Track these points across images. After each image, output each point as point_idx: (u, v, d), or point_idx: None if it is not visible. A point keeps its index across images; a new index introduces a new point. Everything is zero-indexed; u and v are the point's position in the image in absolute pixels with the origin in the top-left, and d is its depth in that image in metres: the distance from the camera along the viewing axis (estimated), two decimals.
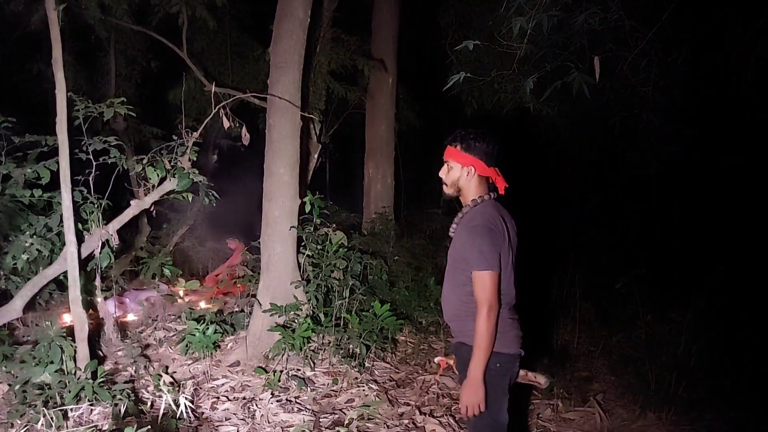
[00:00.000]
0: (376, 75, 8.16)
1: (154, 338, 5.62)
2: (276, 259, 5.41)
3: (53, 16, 4.32)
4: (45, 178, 4.80)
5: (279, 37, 5.31)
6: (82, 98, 4.70)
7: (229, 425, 4.17)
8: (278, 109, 5.33)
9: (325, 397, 4.66)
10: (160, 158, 5.01)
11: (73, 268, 4.35)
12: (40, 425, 3.79)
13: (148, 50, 8.80)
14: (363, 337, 5.19)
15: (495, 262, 2.62)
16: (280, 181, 5.40)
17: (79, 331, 4.35)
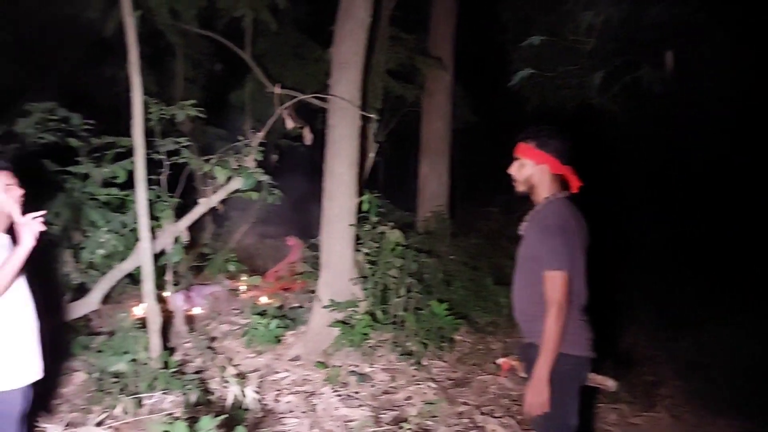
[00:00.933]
0: (433, 72, 8.18)
1: (219, 331, 5.83)
2: (335, 256, 5.53)
3: (130, 22, 4.54)
4: (121, 177, 5.07)
5: (340, 37, 5.42)
6: (155, 101, 4.93)
7: (292, 418, 4.30)
8: (339, 109, 5.44)
9: (384, 394, 4.74)
10: (227, 158, 5.20)
11: (147, 263, 4.57)
12: (117, 412, 4.01)
13: (213, 54, 9.09)
14: (420, 335, 5.24)
15: (567, 261, 2.62)
16: (340, 181, 5.51)
17: (152, 323, 4.57)
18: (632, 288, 7.11)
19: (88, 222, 5.08)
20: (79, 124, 4.94)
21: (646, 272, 7.32)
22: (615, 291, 7.29)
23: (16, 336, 2.77)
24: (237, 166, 5.23)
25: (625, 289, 7.26)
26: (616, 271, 7.49)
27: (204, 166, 5.26)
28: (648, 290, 7.09)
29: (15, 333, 2.77)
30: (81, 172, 5.08)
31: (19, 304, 2.81)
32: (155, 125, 5.00)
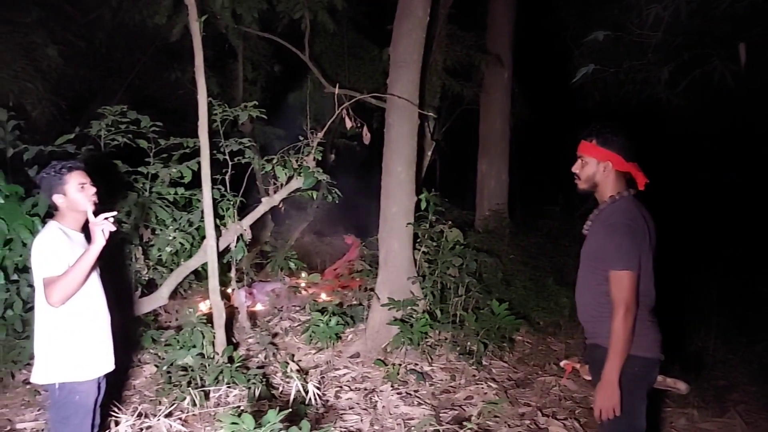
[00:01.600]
0: (491, 70, 8.10)
1: (281, 327, 5.95)
2: (393, 254, 5.55)
3: (195, 27, 4.68)
4: (187, 177, 5.24)
5: (399, 36, 5.42)
6: (219, 102, 5.06)
7: (353, 414, 4.33)
8: (397, 108, 5.45)
9: (444, 393, 4.72)
10: (288, 158, 5.29)
11: (213, 260, 4.70)
12: (186, 404, 4.15)
13: (272, 55, 9.28)
14: (480, 335, 5.19)
15: (634, 261, 2.54)
16: (398, 179, 5.52)
17: (217, 318, 4.70)
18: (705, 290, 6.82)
19: (157, 220, 5.27)
20: (147, 125, 5.12)
21: (720, 274, 7.00)
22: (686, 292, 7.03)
23: (90, 329, 2.90)
24: (297, 166, 5.31)
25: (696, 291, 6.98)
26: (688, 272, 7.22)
27: (266, 166, 5.37)
28: (722, 293, 6.79)
29: (89, 327, 2.90)
30: (150, 172, 5.26)
31: (93, 299, 2.94)
32: (219, 126, 5.14)
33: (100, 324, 2.98)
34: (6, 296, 4.49)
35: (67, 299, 2.68)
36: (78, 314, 2.84)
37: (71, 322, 2.81)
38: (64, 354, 2.79)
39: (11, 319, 4.56)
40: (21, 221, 4.53)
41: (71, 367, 2.80)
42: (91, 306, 2.92)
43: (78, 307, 2.84)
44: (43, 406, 4.39)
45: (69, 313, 2.80)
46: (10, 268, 4.52)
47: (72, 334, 2.81)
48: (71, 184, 2.84)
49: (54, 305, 2.68)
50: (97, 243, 2.63)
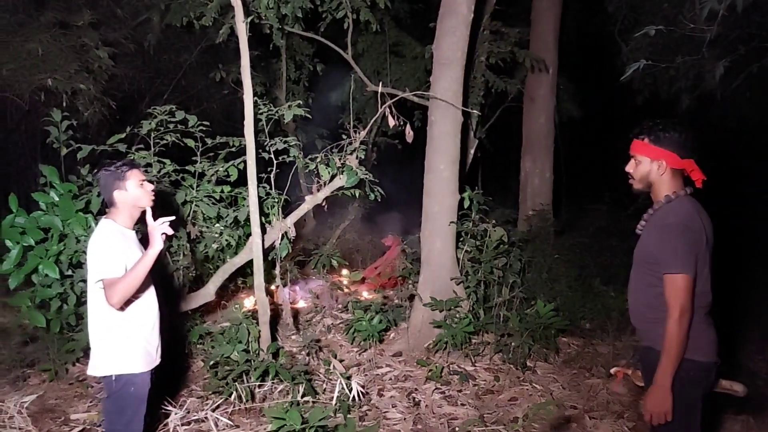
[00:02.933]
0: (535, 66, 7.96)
1: (323, 325, 5.99)
2: (436, 254, 5.52)
3: (242, 28, 4.74)
4: (233, 175, 5.31)
5: (442, 34, 5.38)
6: (265, 102, 5.12)
7: (396, 412, 4.33)
8: (440, 105, 5.41)
9: (488, 394, 4.68)
10: (331, 156, 5.31)
11: (258, 257, 4.75)
12: (232, 399, 4.21)
13: (314, 55, 9.35)
14: (524, 336, 5.12)
15: (690, 264, 2.45)
16: (441, 177, 5.49)
17: (262, 314, 4.75)
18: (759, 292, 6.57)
19: (204, 218, 5.36)
20: (195, 125, 5.21)
21: None
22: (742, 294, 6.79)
23: (144, 323, 2.98)
24: (341, 164, 5.33)
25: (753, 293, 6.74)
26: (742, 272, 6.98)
27: (309, 164, 5.41)
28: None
29: (143, 321, 2.98)
30: (197, 171, 5.36)
31: (146, 295, 3.02)
32: (264, 125, 5.20)
33: (153, 318, 3.06)
34: (61, 291, 4.64)
35: (125, 299, 2.75)
36: (132, 309, 2.92)
37: (125, 316, 2.89)
38: (119, 347, 2.87)
39: (65, 313, 4.72)
40: (75, 218, 4.69)
41: (127, 359, 2.88)
42: (144, 301, 3.00)
43: (133, 302, 2.92)
44: (95, 397, 4.52)
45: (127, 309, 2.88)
46: (65, 263, 4.68)
47: (127, 327, 2.89)
48: (132, 180, 2.93)
49: (114, 306, 2.75)
50: (155, 247, 2.70)
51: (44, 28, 7.01)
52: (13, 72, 6.87)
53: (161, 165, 5.16)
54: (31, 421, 3.95)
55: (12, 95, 7.30)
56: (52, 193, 4.73)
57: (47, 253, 4.57)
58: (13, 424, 3.67)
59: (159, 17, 7.38)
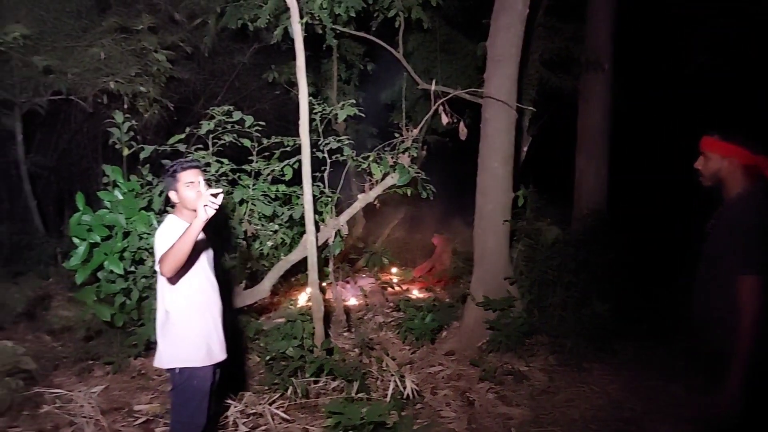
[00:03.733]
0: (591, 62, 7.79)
1: (375, 323, 6.03)
2: (489, 253, 5.47)
3: (297, 28, 4.81)
4: (288, 175, 5.39)
5: (497, 31, 5.34)
6: (319, 102, 5.18)
7: (449, 411, 4.32)
8: (494, 103, 5.36)
9: (543, 394, 4.61)
10: (384, 155, 5.34)
11: (312, 254, 4.82)
12: (288, 393, 4.28)
13: (365, 54, 9.40)
14: (580, 336, 5.03)
15: (762, 264, 2.37)
16: (494, 175, 5.44)
17: (316, 311, 4.81)
18: None
19: (260, 216, 5.46)
20: (251, 125, 5.31)
21: None
22: None
23: (207, 319, 3.06)
24: (393, 163, 5.35)
25: None
26: None
27: (362, 163, 5.44)
28: None
29: (207, 316, 3.06)
30: (253, 170, 5.46)
31: (209, 291, 3.11)
32: (318, 125, 5.26)
33: (216, 314, 3.14)
34: (124, 286, 4.81)
35: (175, 270, 2.76)
36: (196, 304, 3.01)
37: (190, 311, 2.97)
38: (183, 341, 2.96)
39: (128, 308, 4.89)
40: (138, 216, 4.85)
41: (190, 353, 2.96)
42: (208, 297, 3.09)
43: (196, 297, 3.01)
44: (156, 390, 4.67)
45: (189, 304, 2.97)
46: (128, 260, 4.85)
47: (191, 322, 2.98)
48: (181, 182, 3.01)
49: (165, 275, 2.82)
50: (199, 217, 2.67)
51: (106, 32, 7.24)
52: (77, 76, 7.14)
53: (219, 164, 5.28)
54: (99, 411, 4.11)
55: (77, 98, 7.59)
56: (116, 191, 4.90)
57: (112, 249, 4.74)
58: (83, 413, 3.83)
59: (215, 20, 7.54)
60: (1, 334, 5.36)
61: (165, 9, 7.94)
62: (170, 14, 7.99)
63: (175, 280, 2.94)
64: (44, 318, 5.70)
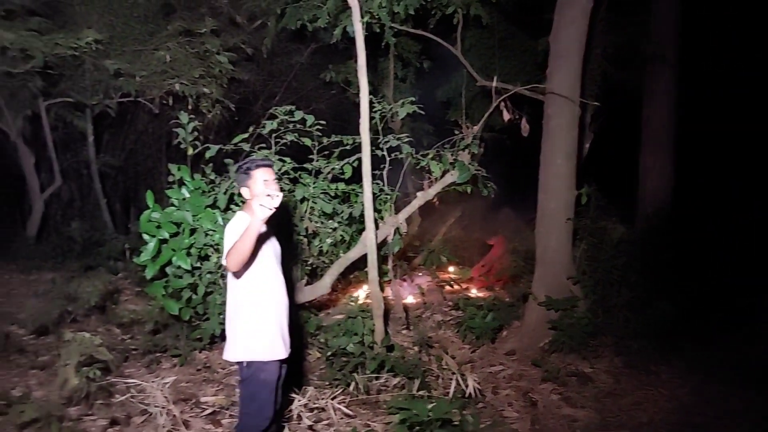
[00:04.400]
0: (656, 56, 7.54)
1: (433, 321, 6.01)
2: (551, 251, 5.37)
3: (358, 27, 4.83)
4: (348, 173, 5.43)
5: (560, 25, 5.23)
6: (379, 99, 5.20)
7: (512, 411, 4.27)
8: (556, 98, 5.26)
9: (608, 396, 4.50)
10: (443, 153, 5.31)
11: (372, 251, 4.83)
12: (351, 389, 4.32)
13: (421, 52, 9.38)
14: (647, 338, 4.88)
15: None
16: (557, 172, 5.34)
17: (376, 308, 4.82)
18: None
19: (320, 213, 5.52)
20: (312, 124, 5.38)
21: None
22: None
23: (275, 315, 3.11)
24: (453, 160, 5.31)
25: None
26: None
27: (421, 161, 5.43)
28: None
29: (274, 312, 3.11)
30: (314, 169, 5.52)
31: (277, 287, 3.15)
32: (378, 123, 5.28)
33: (283, 310, 3.18)
34: (191, 281, 4.95)
35: (239, 265, 2.83)
36: (264, 300, 3.06)
37: (259, 307, 3.03)
38: (252, 335, 3.02)
39: (194, 302, 5.02)
40: (204, 213, 4.98)
41: (259, 347, 3.02)
42: (275, 293, 3.14)
43: (264, 292, 3.07)
44: (221, 382, 4.78)
45: (257, 299, 3.03)
46: (194, 256, 4.99)
47: (259, 317, 3.04)
48: (255, 179, 3.06)
49: (230, 270, 2.90)
50: (256, 216, 2.71)
51: (171, 36, 7.50)
52: (145, 78, 7.42)
53: (282, 163, 5.37)
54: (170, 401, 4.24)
55: (144, 100, 7.87)
56: (184, 190, 5.04)
57: (179, 246, 4.88)
58: (156, 403, 3.96)
59: (275, 22, 7.68)
60: (75, 326, 5.61)
61: (227, 12, 8.16)
62: (232, 17, 8.21)
63: (241, 275, 3.00)
64: (114, 311, 5.93)
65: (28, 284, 6.88)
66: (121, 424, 3.92)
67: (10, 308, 6.15)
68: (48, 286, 6.52)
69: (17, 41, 6.35)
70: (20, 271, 7.27)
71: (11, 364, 4.85)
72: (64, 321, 5.53)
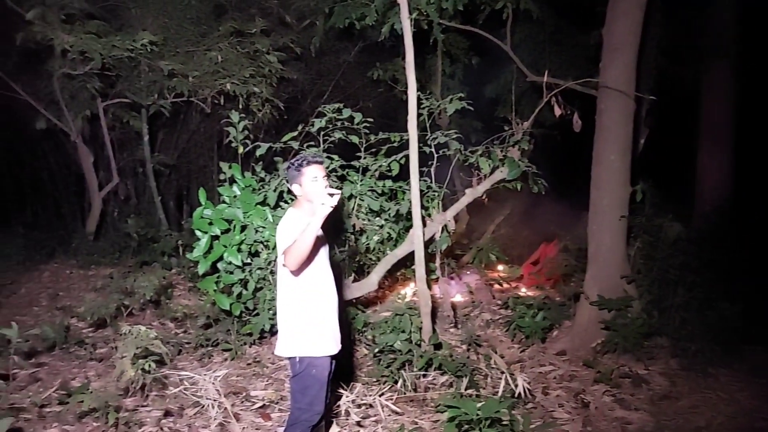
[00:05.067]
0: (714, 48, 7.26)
1: (482, 320, 5.95)
2: (604, 250, 5.24)
3: (407, 24, 4.82)
4: (395, 170, 5.43)
5: (614, 18, 5.10)
6: (427, 96, 5.17)
7: (563, 412, 4.18)
8: (610, 93, 5.13)
9: (664, 399, 4.36)
10: (493, 149, 5.24)
11: (420, 249, 4.82)
12: (398, 386, 4.31)
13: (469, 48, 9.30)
14: (705, 339, 4.70)
15: None
16: (611, 169, 5.20)
17: (423, 306, 4.81)
18: None
19: (367, 210, 5.53)
20: (359, 122, 5.39)
21: None
22: None
23: (325, 311, 3.14)
24: (502, 157, 5.24)
25: None
26: None
27: (469, 158, 5.38)
28: None
29: (325, 308, 3.14)
30: (361, 166, 5.54)
31: (327, 283, 3.18)
32: (426, 120, 5.25)
33: (333, 306, 3.20)
34: (242, 277, 5.04)
35: (299, 263, 2.85)
36: (316, 296, 3.09)
37: (310, 302, 3.06)
38: (304, 331, 3.05)
39: (244, 298, 5.11)
40: (254, 210, 5.06)
41: (310, 343, 3.05)
42: (326, 289, 3.16)
43: (316, 289, 3.09)
44: (271, 377, 4.86)
45: (308, 296, 3.06)
46: (245, 252, 5.07)
47: (311, 314, 3.06)
48: (306, 176, 3.08)
49: (290, 269, 2.91)
50: (317, 214, 2.74)
51: (223, 36, 7.65)
52: (197, 78, 7.59)
53: (330, 161, 5.40)
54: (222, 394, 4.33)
55: (197, 99, 8.05)
56: (235, 187, 5.14)
57: (230, 242, 4.97)
58: (208, 395, 4.05)
59: (323, 21, 7.73)
60: (131, 320, 5.80)
61: (276, 12, 8.26)
62: (281, 17, 8.30)
63: (298, 273, 3.03)
64: (167, 306, 6.10)
65: (87, 279, 7.15)
66: (175, 416, 4.03)
67: (71, 302, 6.41)
68: (106, 280, 6.77)
69: (77, 44, 6.59)
70: (80, 267, 7.56)
71: (71, 356, 5.06)
72: (120, 314, 5.72)
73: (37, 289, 6.92)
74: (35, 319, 5.94)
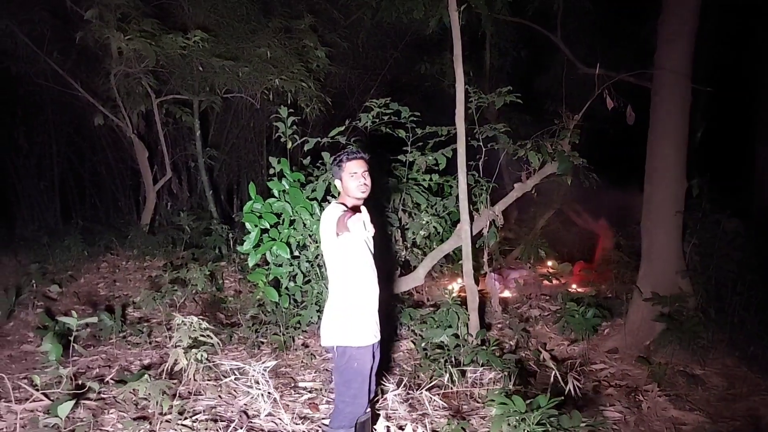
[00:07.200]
0: None
1: (531, 315, 5.86)
2: (658, 246, 5.10)
3: (455, 17, 4.78)
4: (442, 164, 5.41)
5: (669, 8, 4.95)
6: (475, 90, 5.12)
7: (614, 411, 4.09)
8: (665, 85, 4.98)
9: (721, 400, 4.21)
10: (542, 142, 5.16)
11: (467, 244, 4.79)
12: (445, 380, 4.30)
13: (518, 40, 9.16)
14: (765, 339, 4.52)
15: None
16: (666, 163, 5.05)
17: (471, 301, 4.78)
18: None
19: (413, 205, 5.54)
20: (407, 116, 5.39)
21: None
22: None
23: (367, 302, 3.16)
24: (552, 150, 5.15)
25: None
26: None
27: (518, 151, 5.31)
28: None
29: (367, 299, 3.16)
30: (408, 160, 5.54)
31: (370, 275, 3.19)
32: (474, 114, 5.20)
33: (375, 298, 3.22)
34: (290, 269, 5.12)
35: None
36: (359, 287, 3.12)
37: (354, 293, 3.09)
38: (347, 321, 3.08)
39: (293, 290, 5.19)
40: (302, 204, 5.13)
41: (351, 333, 3.07)
42: (369, 281, 3.18)
43: (359, 281, 3.12)
44: (319, 368, 4.92)
45: (352, 287, 3.09)
46: (293, 245, 5.15)
47: (352, 304, 3.10)
48: (346, 171, 3.12)
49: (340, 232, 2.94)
50: (351, 235, 2.80)
51: (272, 33, 7.74)
52: (247, 75, 7.71)
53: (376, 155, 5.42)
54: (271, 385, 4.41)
55: (246, 95, 8.20)
56: (284, 182, 5.22)
57: (279, 235, 5.06)
58: (258, 386, 4.13)
59: (370, 15, 7.76)
60: (184, 310, 5.97)
61: (324, 8, 8.32)
62: (329, 13, 8.36)
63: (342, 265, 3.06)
64: (218, 297, 6.24)
65: (142, 270, 7.38)
66: (225, 405, 4.13)
67: (128, 292, 6.64)
68: (159, 272, 6.98)
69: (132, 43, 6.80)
70: (135, 258, 7.81)
71: (128, 344, 5.24)
72: (173, 305, 5.89)
73: (95, 279, 7.18)
74: (94, 308, 6.17)
